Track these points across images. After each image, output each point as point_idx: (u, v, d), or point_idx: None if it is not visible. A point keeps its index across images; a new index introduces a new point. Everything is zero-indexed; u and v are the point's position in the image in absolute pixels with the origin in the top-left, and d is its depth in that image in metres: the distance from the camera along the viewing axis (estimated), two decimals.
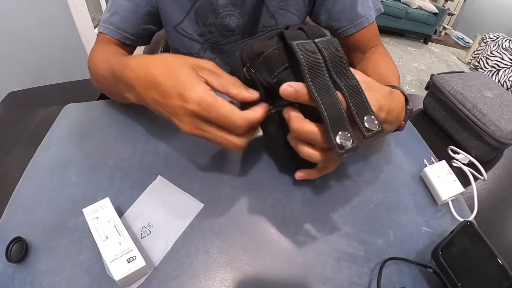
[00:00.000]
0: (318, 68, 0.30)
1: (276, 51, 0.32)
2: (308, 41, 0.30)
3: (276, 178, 0.43)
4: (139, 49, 0.65)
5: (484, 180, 0.49)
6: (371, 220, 0.40)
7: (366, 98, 0.31)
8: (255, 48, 0.33)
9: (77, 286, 0.31)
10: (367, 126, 0.30)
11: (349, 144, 0.29)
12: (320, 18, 0.62)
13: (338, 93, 0.30)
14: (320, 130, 0.31)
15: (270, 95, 0.34)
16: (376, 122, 0.31)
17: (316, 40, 0.30)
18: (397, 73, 0.54)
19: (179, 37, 0.62)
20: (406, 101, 0.40)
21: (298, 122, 0.32)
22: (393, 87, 0.40)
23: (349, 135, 0.29)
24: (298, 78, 0.31)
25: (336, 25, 0.61)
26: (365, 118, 0.30)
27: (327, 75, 0.30)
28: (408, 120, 0.58)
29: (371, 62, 0.57)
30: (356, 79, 0.31)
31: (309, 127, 0.31)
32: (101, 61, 0.47)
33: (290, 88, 0.30)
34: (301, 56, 0.29)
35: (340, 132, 0.29)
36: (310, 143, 0.33)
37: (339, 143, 0.29)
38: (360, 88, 0.31)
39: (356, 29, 0.60)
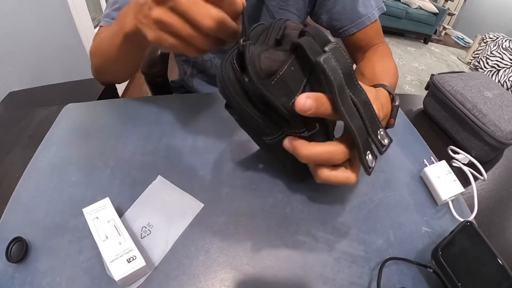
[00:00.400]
0: (343, 87, 0.27)
1: (292, 68, 0.28)
2: (326, 55, 0.26)
3: (276, 178, 0.43)
4: None
5: (484, 180, 0.49)
6: (371, 220, 0.40)
7: (375, 111, 0.29)
8: (265, 67, 0.27)
9: (77, 286, 0.31)
10: (381, 141, 0.30)
11: (374, 161, 0.29)
12: (321, 18, 0.62)
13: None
14: (331, 148, 0.30)
15: (279, 120, 0.30)
16: (385, 135, 0.30)
17: (327, 49, 0.26)
18: (393, 72, 0.54)
19: None
20: (393, 98, 0.40)
21: (307, 148, 0.30)
22: (377, 85, 0.40)
23: (372, 154, 0.29)
24: None
25: (338, 24, 0.61)
26: (378, 132, 0.30)
27: (347, 94, 0.27)
28: (408, 120, 0.58)
29: (369, 62, 0.58)
30: (364, 91, 0.29)
31: (320, 149, 0.30)
32: (105, 34, 0.48)
33: (309, 100, 0.26)
34: (332, 78, 0.25)
35: (367, 152, 0.29)
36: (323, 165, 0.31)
37: (369, 163, 0.29)
38: (370, 101, 0.29)
39: (358, 28, 0.60)
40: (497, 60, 2.77)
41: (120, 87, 1.83)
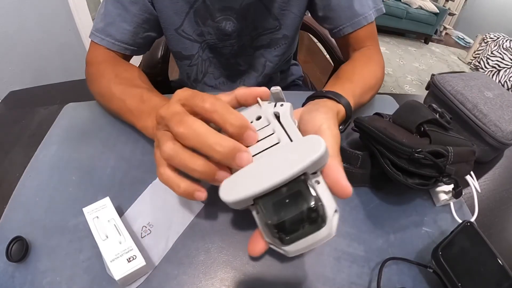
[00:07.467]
0: None
1: None
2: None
3: None
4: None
5: (478, 192, 0.47)
6: (371, 220, 0.40)
7: None
8: None
9: (78, 286, 0.31)
10: None
11: None
12: (318, 15, 0.62)
13: None
14: None
15: None
16: None
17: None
18: (368, 81, 0.51)
19: (181, 40, 0.62)
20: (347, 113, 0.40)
21: None
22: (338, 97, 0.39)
23: None
24: None
25: (333, 23, 0.59)
26: None
27: None
28: None
29: (349, 66, 0.55)
30: None
31: None
32: (111, 83, 0.47)
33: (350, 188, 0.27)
34: None
35: None
36: None
37: None
38: None
39: (353, 28, 0.58)
40: (497, 60, 2.77)
41: None
